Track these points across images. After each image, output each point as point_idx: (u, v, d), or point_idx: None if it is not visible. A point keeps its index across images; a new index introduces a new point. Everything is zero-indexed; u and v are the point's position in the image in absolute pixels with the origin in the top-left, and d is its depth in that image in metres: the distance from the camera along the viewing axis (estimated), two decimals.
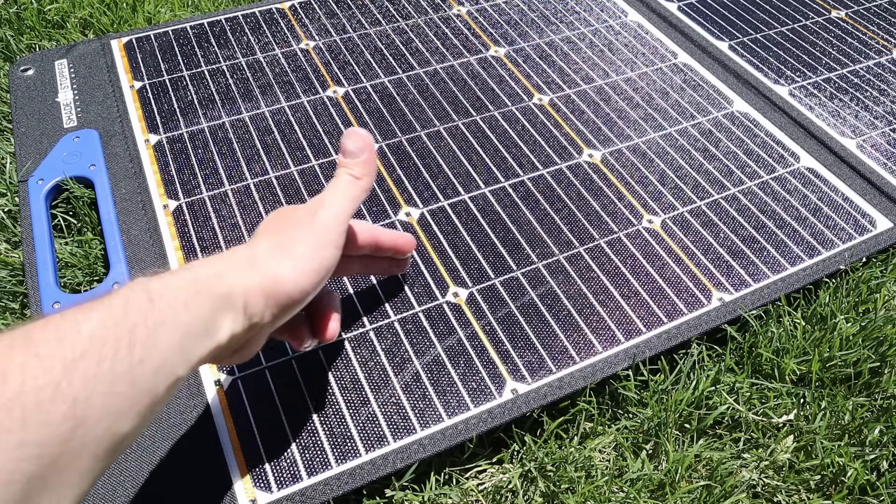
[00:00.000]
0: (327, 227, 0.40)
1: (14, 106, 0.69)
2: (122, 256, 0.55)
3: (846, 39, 0.82)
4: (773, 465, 0.48)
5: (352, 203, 0.42)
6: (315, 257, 0.38)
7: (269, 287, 0.36)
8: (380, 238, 0.48)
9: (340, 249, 0.40)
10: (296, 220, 0.40)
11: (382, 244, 0.48)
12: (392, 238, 0.49)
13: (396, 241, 0.50)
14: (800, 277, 0.57)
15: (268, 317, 0.36)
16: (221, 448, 0.45)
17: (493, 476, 0.47)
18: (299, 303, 0.38)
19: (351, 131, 0.44)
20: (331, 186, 0.42)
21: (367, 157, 0.43)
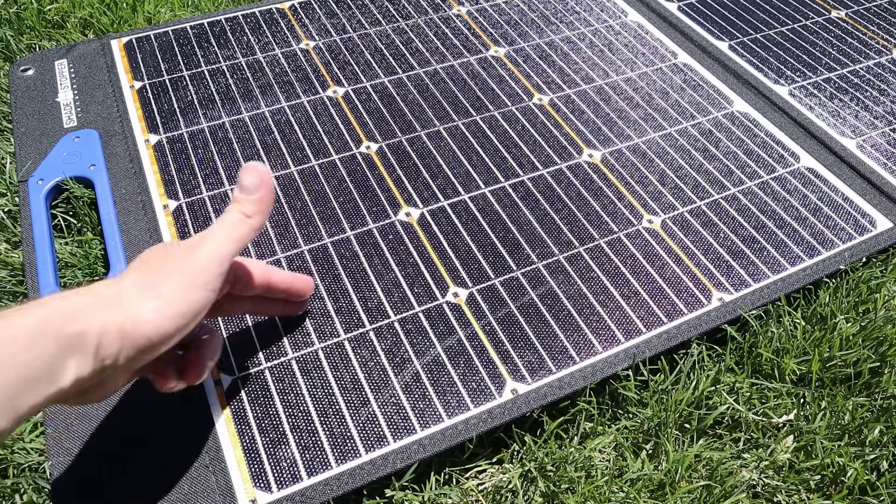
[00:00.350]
0: (203, 268, 0.37)
1: (14, 106, 0.69)
2: (122, 256, 0.55)
3: (846, 39, 0.82)
4: (773, 465, 0.48)
5: (236, 243, 0.39)
6: (183, 299, 0.36)
7: (128, 328, 0.34)
8: (273, 279, 0.46)
9: (216, 292, 0.38)
10: (172, 256, 0.37)
11: (276, 286, 0.46)
12: (287, 280, 0.47)
13: (292, 283, 0.48)
14: (800, 277, 0.57)
15: (122, 359, 0.34)
16: (221, 448, 0.45)
17: (493, 476, 0.47)
18: (159, 347, 0.35)
19: (249, 166, 0.42)
20: (217, 223, 0.40)
21: (261, 195, 0.41)
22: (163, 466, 0.44)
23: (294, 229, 0.58)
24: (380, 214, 0.60)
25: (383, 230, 0.58)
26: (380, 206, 0.60)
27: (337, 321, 0.52)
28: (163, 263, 0.37)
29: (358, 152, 0.65)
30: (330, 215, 0.60)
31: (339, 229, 0.58)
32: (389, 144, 0.66)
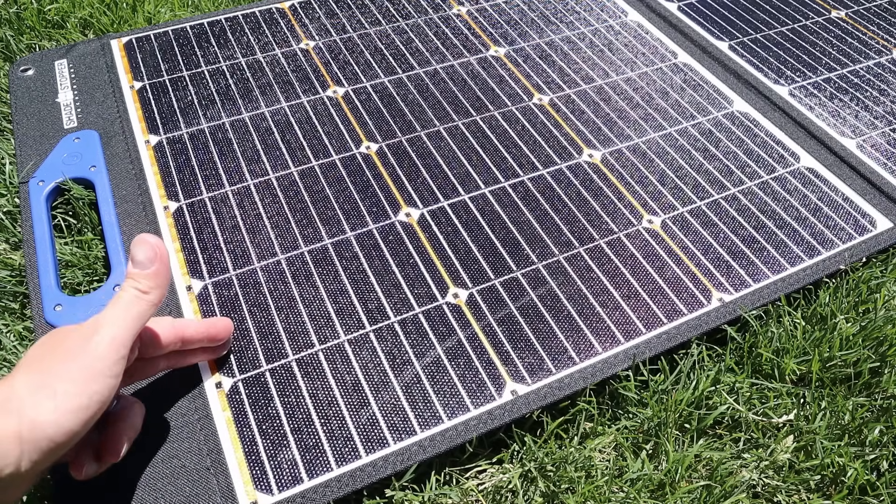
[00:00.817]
0: (100, 357, 0.36)
1: (14, 106, 0.69)
2: (122, 258, 0.55)
3: (846, 39, 0.82)
4: (773, 465, 0.48)
5: (135, 322, 0.38)
6: (82, 393, 0.34)
7: (27, 433, 0.32)
8: (186, 333, 0.44)
9: (118, 377, 0.37)
10: (65, 349, 0.36)
11: (191, 338, 0.45)
12: (202, 329, 0.46)
13: (208, 330, 0.46)
14: (800, 277, 0.57)
15: (26, 464, 0.32)
16: (222, 450, 0.45)
17: (493, 476, 0.47)
18: (66, 444, 0.34)
19: (140, 239, 0.40)
20: (111, 304, 0.38)
21: (156, 269, 0.40)
22: (164, 468, 0.44)
23: (294, 230, 0.58)
24: (380, 215, 0.60)
25: (383, 231, 0.59)
26: (380, 207, 0.60)
27: (337, 322, 0.52)
28: (55, 358, 0.35)
29: (358, 152, 0.65)
30: (330, 216, 0.60)
31: (339, 230, 0.58)
32: (389, 144, 0.66)
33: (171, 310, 0.52)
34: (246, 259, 0.56)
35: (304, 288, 0.54)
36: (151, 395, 0.47)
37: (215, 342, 0.47)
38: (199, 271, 0.55)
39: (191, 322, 0.45)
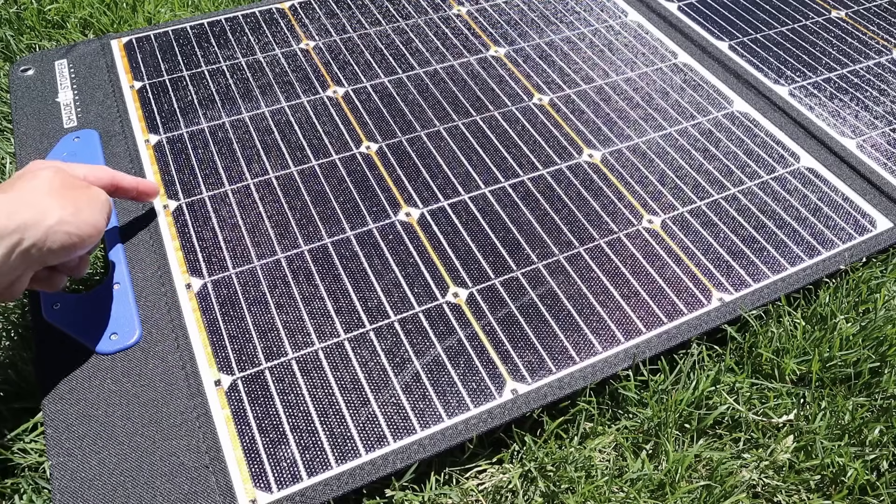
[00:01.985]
0: (104, 201, 0.49)
1: (14, 106, 0.68)
2: (122, 256, 0.55)
3: (846, 39, 0.82)
4: (773, 465, 0.48)
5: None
6: (98, 212, 0.48)
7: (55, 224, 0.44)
8: (122, 183, 0.53)
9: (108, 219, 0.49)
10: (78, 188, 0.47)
11: (124, 188, 0.53)
12: (133, 183, 0.54)
13: (138, 185, 0.55)
14: (800, 277, 0.57)
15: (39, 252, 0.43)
16: (221, 448, 0.45)
17: (493, 476, 0.47)
18: (74, 247, 0.45)
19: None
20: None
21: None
22: (162, 466, 0.44)
23: (294, 229, 0.58)
24: (380, 214, 0.60)
25: (383, 230, 0.59)
26: (380, 206, 0.60)
27: (337, 321, 0.52)
28: (73, 192, 0.46)
29: (358, 152, 0.65)
30: (330, 215, 0.60)
31: (339, 229, 0.58)
32: (389, 144, 0.66)
33: (170, 308, 0.52)
34: (245, 258, 0.56)
35: (303, 286, 0.54)
36: (151, 394, 0.47)
37: (142, 200, 0.57)
38: (199, 270, 0.55)
39: (126, 176, 0.54)
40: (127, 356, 0.49)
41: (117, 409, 0.47)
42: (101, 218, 0.47)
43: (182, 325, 0.51)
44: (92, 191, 0.47)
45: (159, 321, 0.51)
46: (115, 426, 0.46)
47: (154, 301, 0.53)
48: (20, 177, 0.45)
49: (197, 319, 0.52)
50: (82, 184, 0.47)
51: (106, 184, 0.51)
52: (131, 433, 0.45)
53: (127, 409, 0.47)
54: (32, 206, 0.43)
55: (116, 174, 0.53)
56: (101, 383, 0.48)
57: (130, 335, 0.50)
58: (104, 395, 0.47)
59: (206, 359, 0.50)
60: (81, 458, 0.44)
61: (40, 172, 0.46)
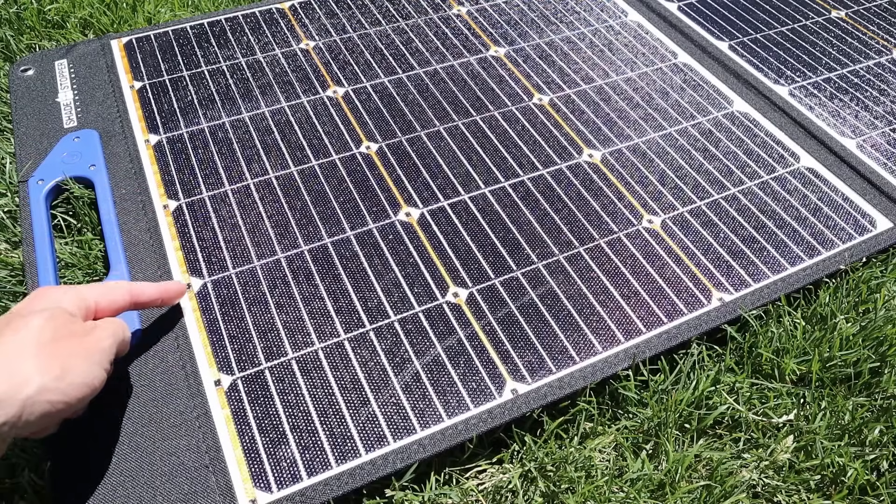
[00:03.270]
0: (102, 350, 0.41)
1: (14, 106, 0.69)
2: (122, 257, 0.55)
3: (846, 39, 0.82)
4: (773, 465, 0.48)
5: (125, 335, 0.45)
6: (87, 373, 0.40)
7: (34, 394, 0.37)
8: (140, 299, 0.47)
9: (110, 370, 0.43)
10: (72, 334, 0.40)
11: (144, 304, 0.48)
12: (156, 294, 0.48)
13: (161, 295, 0.49)
14: (800, 277, 0.57)
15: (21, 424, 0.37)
16: (221, 448, 0.45)
17: (493, 476, 0.47)
18: (60, 413, 0.39)
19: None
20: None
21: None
22: (162, 466, 0.44)
23: (294, 229, 0.58)
24: (380, 214, 0.60)
25: (383, 230, 0.59)
26: (380, 206, 0.60)
27: (337, 321, 0.52)
28: (65, 341, 0.39)
29: (358, 152, 0.65)
30: (330, 215, 0.60)
31: (339, 229, 0.58)
32: (389, 144, 0.66)
33: (171, 307, 0.52)
34: (245, 258, 0.56)
35: (303, 286, 0.54)
36: (151, 393, 0.47)
37: (168, 304, 0.51)
38: (199, 270, 0.55)
39: (146, 289, 0.48)
40: (127, 356, 0.49)
41: (117, 409, 0.47)
42: (99, 372, 0.40)
43: (182, 324, 0.51)
44: (92, 337, 0.41)
45: (159, 321, 0.51)
46: (114, 426, 0.46)
47: None
48: (8, 323, 0.39)
49: (197, 319, 0.52)
50: (81, 329, 0.41)
51: (122, 306, 0.46)
52: (131, 433, 0.45)
53: (127, 409, 0.47)
54: (8, 374, 0.36)
55: (135, 289, 0.47)
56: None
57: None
58: (104, 395, 0.47)
59: (206, 359, 0.50)
60: (81, 459, 0.44)
61: (31, 320, 0.39)
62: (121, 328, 0.44)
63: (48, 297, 0.42)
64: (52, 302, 0.42)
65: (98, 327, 0.42)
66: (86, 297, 0.43)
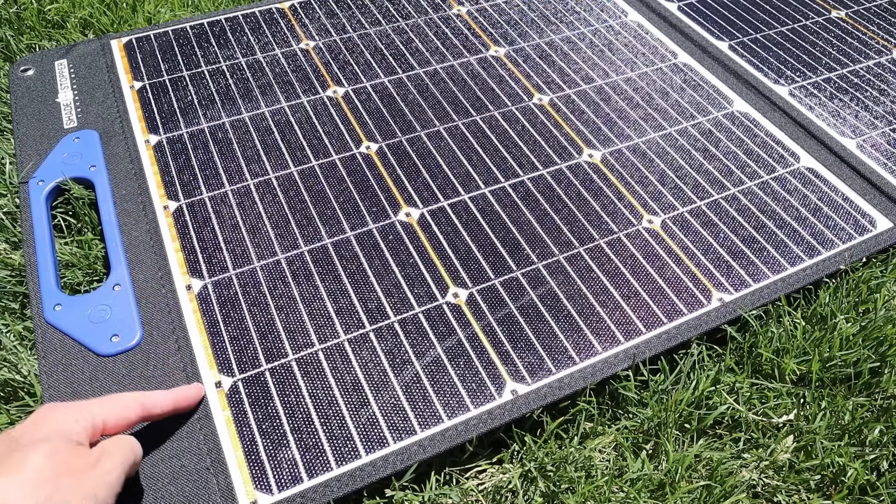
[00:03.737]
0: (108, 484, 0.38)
1: (14, 106, 0.68)
2: (122, 258, 0.55)
3: (846, 39, 0.82)
4: (773, 465, 0.48)
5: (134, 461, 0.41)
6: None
7: None
8: (153, 412, 0.44)
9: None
10: (74, 470, 0.37)
11: (157, 416, 0.45)
12: (169, 405, 0.45)
13: (176, 404, 0.46)
14: (800, 277, 0.57)
15: None
16: (222, 449, 0.45)
17: (494, 476, 0.47)
18: None
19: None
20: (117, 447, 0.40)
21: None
22: (163, 468, 0.44)
23: (294, 230, 0.58)
24: (380, 215, 0.60)
25: (383, 230, 0.59)
26: (380, 207, 0.60)
27: (337, 322, 0.52)
28: (65, 478, 0.36)
29: (358, 152, 0.65)
30: (330, 216, 0.60)
31: (339, 230, 0.58)
32: (389, 144, 0.66)
33: (171, 309, 0.52)
34: (246, 258, 0.56)
35: (303, 287, 0.54)
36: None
37: (182, 412, 0.47)
38: (199, 270, 0.55)
39: (159, 400, 0.45)
40: (128, 358, 0.49)
41: None
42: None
43: (182, 326, 0.51)
44: (98, 472, 0.38)
45: (160, 323, 0.51)
46: None
47: (155, 302, 0.53)
48: (7, 457, 0.36)
49: (197, 321, 0.52)
50: (85, 462, 0.38)
51: (133, 422, 0.43)
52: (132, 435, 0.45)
53: None
54: None
55: (146, 403, 0.44)
56: (102, 385, 0.48)
57: (131, 337, 0.50)
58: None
59: (207, 360, 0.50)
60: None
61: (31, 458, 0.36)
62: (131, 450, 0.41)
63: (52, 420, 0.39)
64: (56, 426, 0.39)
65: (105, 455, 0.39)
66: (94, 416, 0.40)
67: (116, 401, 0.42)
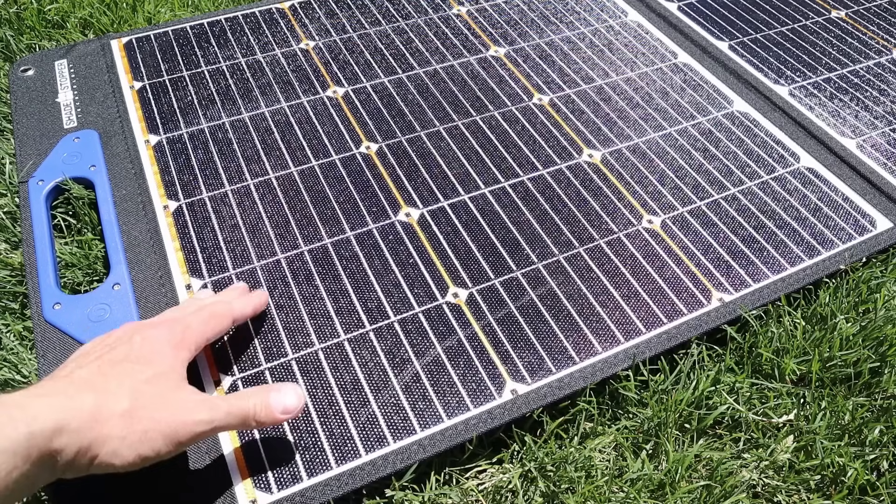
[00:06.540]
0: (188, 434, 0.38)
1: (14, 106, 0.69)
2: (122, 257, 0.55)
3: (846, 39, 0.82)
4: (773, 465, 0.48)
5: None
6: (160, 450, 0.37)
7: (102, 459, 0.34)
8: (238, 319, 0.47)
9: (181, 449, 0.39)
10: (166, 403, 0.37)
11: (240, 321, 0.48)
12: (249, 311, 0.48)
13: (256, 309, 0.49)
14: (800, 277, 0.57)
15: (81, 474, 0.35)
16: (221, 449, 0.45)
17: (493, 476, 0.47)
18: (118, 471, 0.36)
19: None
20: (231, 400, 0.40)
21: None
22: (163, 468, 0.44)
23: (294, 230, 0.58)
24: (379, 215, 0.60)
25: (383, 230, 0.59)
26: (379, 207, 0.60)
27: (337, 322, 0.52)
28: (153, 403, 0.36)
29: (358, 152, 0.65)
30: (330, 216, 0.60)
31: (339, 230, 0.58)
32: (389, 144, 0.66)
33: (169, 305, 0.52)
34: (245, 258, 0.56)
35: (303, 287, 0.54)
36: None
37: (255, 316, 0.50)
38: (199, 270, 0.55)
39: (245, 310, 0.48)
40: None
41: None
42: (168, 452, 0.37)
43: None
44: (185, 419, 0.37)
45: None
46: None
47: (154, 302, 0.53)
48: (119, 362, 0.37)
49: None
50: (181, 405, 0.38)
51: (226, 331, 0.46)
52: None
53: None
54: (94, 416, 0.34)
55: (236, 315, 0.47)
56: None
57: None
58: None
59: (207, 360, 0.50)
60: None
61: (141, 370, 0.37)
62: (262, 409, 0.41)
63: (164, 352, 0.39)
64: (166, 358, 0.39)
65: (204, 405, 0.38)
66: (198, 343, 0.42)
67: (213, 317, 0.44)
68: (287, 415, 0.41)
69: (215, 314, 0.45)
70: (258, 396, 0.41)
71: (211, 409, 0.38)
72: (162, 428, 0.36)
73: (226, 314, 0.46)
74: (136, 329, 0.41)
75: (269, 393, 0.41)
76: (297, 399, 0.42)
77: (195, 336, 0.43)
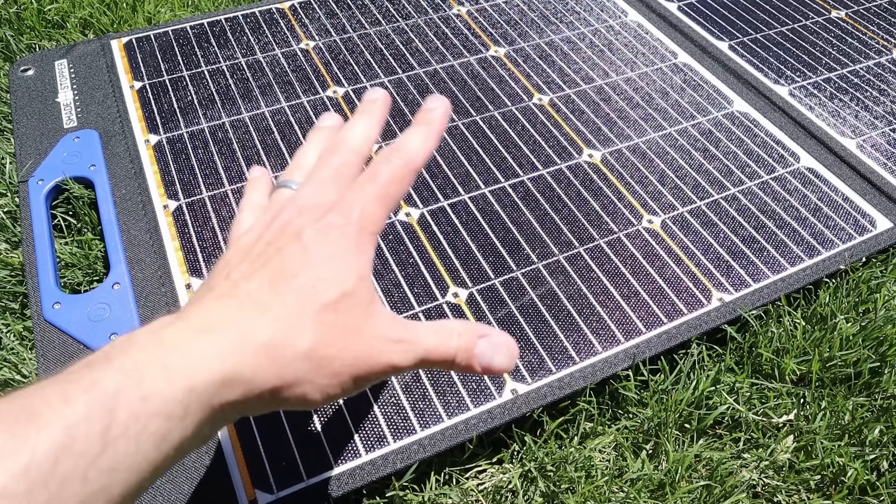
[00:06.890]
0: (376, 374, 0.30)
1: (14, 106, 0.69)
2: (122, 257, 0.55)
3: (846, 39, 0.82)
4: (773, 465, 0.48)
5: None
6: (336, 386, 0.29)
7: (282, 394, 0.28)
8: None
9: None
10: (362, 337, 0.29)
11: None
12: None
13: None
14: (800, 277, 0.57)
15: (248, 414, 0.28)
16: (221, 448, 0.45)
17: (493, 476, 0.47)
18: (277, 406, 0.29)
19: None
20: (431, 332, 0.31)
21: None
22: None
23: None
24: None
25: (383, 230, 0.58)
26: None
27: None
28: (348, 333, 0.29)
29: None
30: None
31: None
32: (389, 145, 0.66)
33: (170, 308, 0.52)
34: None
35: None
36: None
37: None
38: (199, 270, 0.55)
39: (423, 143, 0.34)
40: None
41: None
42: (353, 390, 0.30)
43: None
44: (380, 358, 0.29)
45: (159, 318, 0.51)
46: None
47: (154, 301, 0.53)
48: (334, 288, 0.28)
49: None
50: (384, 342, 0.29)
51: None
52: None
53: None
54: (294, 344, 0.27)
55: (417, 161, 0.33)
56: None
57: None
58: None
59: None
60: None
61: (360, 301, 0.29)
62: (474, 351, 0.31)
63: (346, 257, 0.29)
64: (350, 268, 0.29)
65: (399, 346, 0.30)
66: (381, 229, 0.31)
67: (394, 181, 0.32)
68: (487, 374, 0.33)
69: (396, 176, 0.32)
70: (465, 338, 0.31)
71: (405, 352, 0.30)
72: (352, 371, 0.29)
73: (409, 168, 0.32)
74: (301, 212, 0.30)
75: (476, 339, 0.31)
76: (509, 361, 0.32)
77: (378, 219, 0.31)
